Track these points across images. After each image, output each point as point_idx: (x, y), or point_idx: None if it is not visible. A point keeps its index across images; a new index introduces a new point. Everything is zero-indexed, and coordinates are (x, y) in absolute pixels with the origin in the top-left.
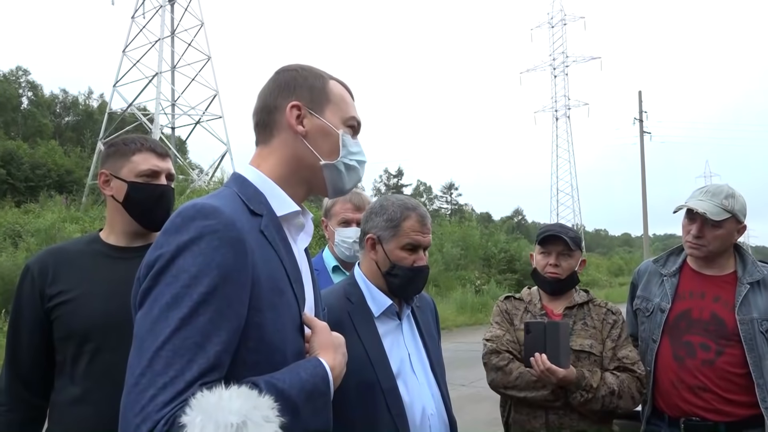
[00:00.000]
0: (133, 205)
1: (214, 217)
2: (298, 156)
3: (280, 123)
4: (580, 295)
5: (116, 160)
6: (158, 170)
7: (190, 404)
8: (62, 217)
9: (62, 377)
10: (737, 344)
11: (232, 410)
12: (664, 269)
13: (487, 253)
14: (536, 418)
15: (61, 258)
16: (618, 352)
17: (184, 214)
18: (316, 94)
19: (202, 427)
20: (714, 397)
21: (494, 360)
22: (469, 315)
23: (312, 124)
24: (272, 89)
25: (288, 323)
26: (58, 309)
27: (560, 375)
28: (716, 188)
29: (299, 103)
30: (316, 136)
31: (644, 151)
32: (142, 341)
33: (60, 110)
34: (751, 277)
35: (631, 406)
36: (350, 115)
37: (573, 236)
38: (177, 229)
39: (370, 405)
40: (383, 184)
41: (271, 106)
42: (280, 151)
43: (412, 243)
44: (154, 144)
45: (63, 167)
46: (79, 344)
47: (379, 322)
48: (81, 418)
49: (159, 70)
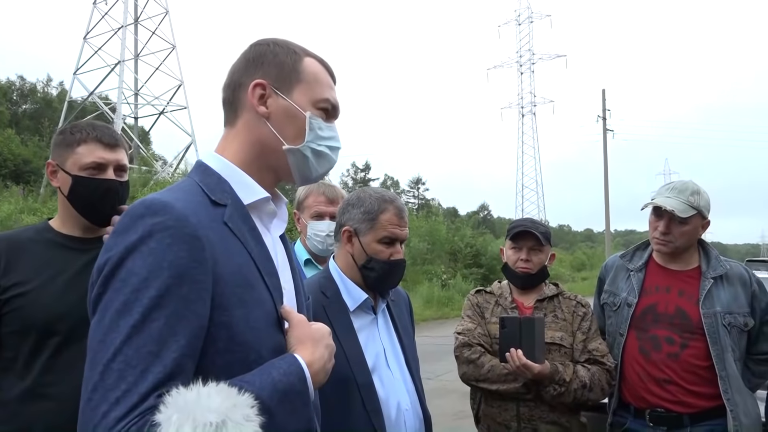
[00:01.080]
0: (77, 200)
1: (164, 213)
2: (261, 140)
3: (244, 102)
4: (550, 288)
5: (62, 150)
6: (104, 162)
7: (165, 402)
8: (19, 207)
9: (8, 374)
10: (701, 337)
11: (210, 408)
12: (630, 264)
13: (453, 248)
14: (507, 411)
15: (14, 246)
16: (588, 345)
17: (132, 212)
18: (285, 72)
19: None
20: (679, 390)
21: (466, 353)
22: (436, 309)
23: (276, 105)
24: (241, 64)
25: (261, 319)
26: (12, 302)
27: (536, 370)
28: (682, 185)
29: (264, 81)
30: (281, 118)
31: (607, 149)
32: (95, 353)
33: (17, 97)
34: (715, 272)
35: (601, 398)
36: (322, 97)
37: (543, 231)
38: (125, 229)
39: (345, 400)
40: (350, 178)
41: (237, 83)
42: (243, 134)
43: (389, 236)
44: (102, 133)
45: (20, 157)
46: (40, 338)
47: (354, 316)
48: (39, 413)
49: (122, 59)
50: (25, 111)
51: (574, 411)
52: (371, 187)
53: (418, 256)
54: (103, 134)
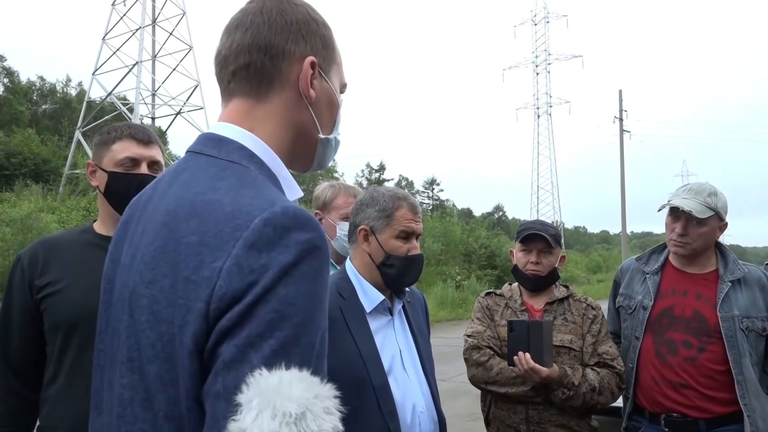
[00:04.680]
0: (112, 196)
1: (312, 228)
2: (299, 125)
3: (287, 76)
4: (560, 291)
5: (99, 150)
6: (137, 158)
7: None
8: (39, 206)
9: (49, 371)
10: (718, 341)
11: (292, 397)
12: (646, 267)
13: (467, 249)
14: (516, 413)
15: (53, 248)
16: (598, 348)
17: (275, 222)
18: (328, 51)
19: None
20: (695, 394)
21: (475, 356)
22: (450, 310)
23: (321, 88)
24: (276, 24)
25: None
26: (47, 300)
27: (544, 374)
28: (699, 186)
29: (316, 59)
30: (323, 103)
31: (623, 150)
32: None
33: (37, 98)
34: (733, 275)
35: (610, 401)
36: (345, 81)
37: (553, 233)
38: (270, 244)
39: (360, 402)
40: (365, 179)
41: (278, 49)
42: (280, 114)
43: (406, 230)
44: (136, 131)
45: (40, 156)
46: (66, 336)
47: (371, 318)
48: (68, 415)
49: (139, 59)
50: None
51: (583, 414)
52: (382, 186)
53: (433, 257)
54: (137, 131)
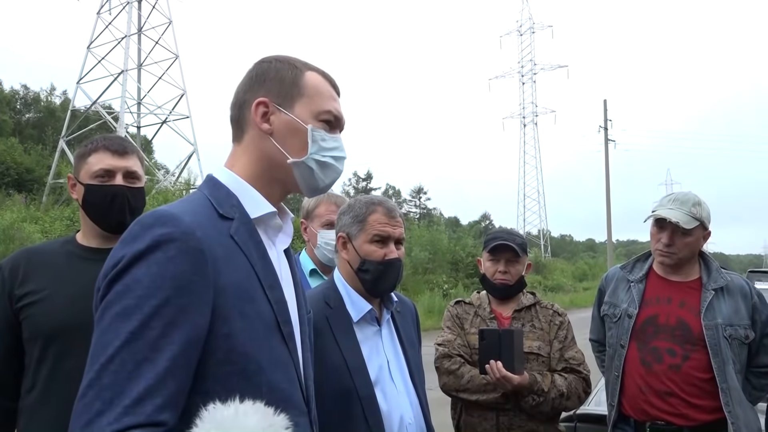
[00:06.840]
0: (89, 208)
1: (173, 225)
2: (267, 155)
3: (249, 119)
4: (528, 298)
5: (78, 163)
6: (112, 169)
7: (202, 416)
8: (21, 216)
9: (25, 381)
10: (702, 349)
11: (247, 427)
12: (631, 275)
13: (455, 258)
14: (487, 420)
15: (34, 258)
16: (565, 353)
17: (143, 221)
18: (285, 87)
19: None
20: (680, 402)
21: (446, 364)
22: (437, 319)
23: (279, 120)
24: (245, 82)
25: (261, 330)
26: (26, 309)
27: (515, 382)
28: (683, 196)
29: (266, 99)
30: (284, 133)
31: (609, 159)
32: (94, 353)
33: (20, 106)
34: (716, 284)
35: (577, 406)
36: (324, 109)
37: (520, 242)
38: (133, 238)
39: (346, 413)
40: (352, 187)
41: (242, 101)
42: (250, 150)
43: (380, 234)
44: (110, 142)
45: (23, 165)
46: (44, 347)
47: (358, 327)
48: (45, 425)
49: (125, 68)
50: (28, 120)
51: (552, 419)
52: (363, 195)
53: (420, 265)
54: (111, 143)
